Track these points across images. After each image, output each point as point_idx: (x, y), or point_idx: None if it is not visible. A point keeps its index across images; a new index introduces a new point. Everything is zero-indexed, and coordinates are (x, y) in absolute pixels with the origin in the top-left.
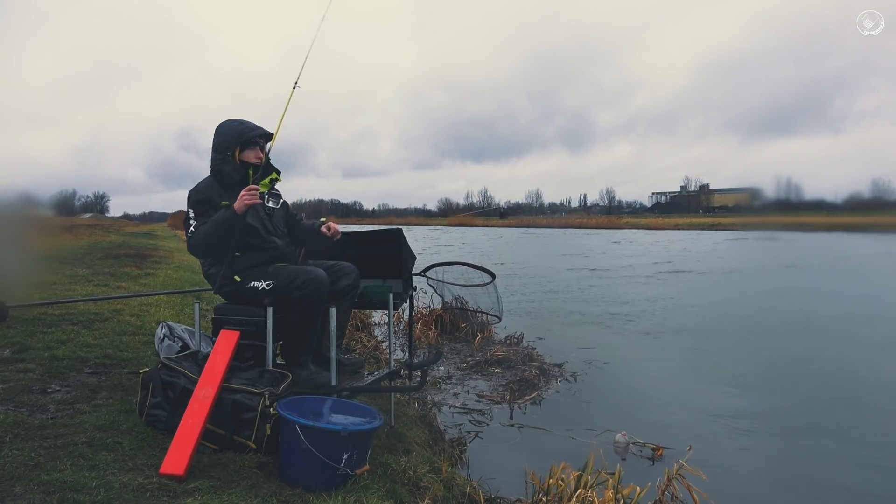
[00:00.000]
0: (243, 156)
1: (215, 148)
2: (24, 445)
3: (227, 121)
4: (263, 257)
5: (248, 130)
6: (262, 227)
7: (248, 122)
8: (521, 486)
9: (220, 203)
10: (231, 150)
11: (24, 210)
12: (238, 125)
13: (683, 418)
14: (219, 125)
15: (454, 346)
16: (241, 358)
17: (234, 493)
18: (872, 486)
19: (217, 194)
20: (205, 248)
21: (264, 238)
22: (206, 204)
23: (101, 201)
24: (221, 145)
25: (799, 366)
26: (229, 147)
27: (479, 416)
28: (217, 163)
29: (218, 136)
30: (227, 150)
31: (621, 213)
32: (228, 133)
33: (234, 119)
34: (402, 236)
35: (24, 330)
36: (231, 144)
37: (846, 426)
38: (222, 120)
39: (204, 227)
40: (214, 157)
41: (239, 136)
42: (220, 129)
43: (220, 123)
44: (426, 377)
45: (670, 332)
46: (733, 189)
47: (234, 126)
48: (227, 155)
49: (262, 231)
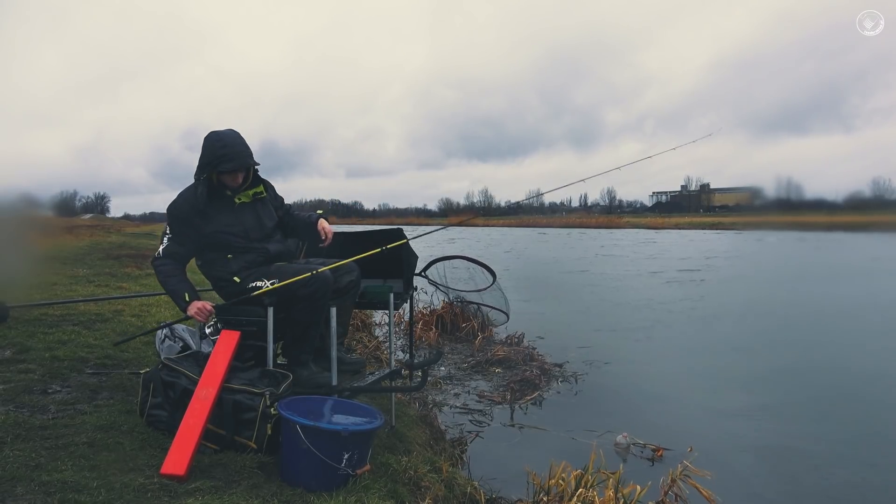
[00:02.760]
0: (221, 178)
1: (199, 160)
2: (25, 446)
3: (214, 138)
4: (254, 259)
5: (222, 161)
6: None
7: (228, 150)
8: (521, 485)
9: (195, 222)
10: (206, 171)
11: (25, 211)
12: (220, 148)
13: (684, 419)
14: (207, 136)
15: (455, 346)
16: (241, 358)
17: (234, 494)
18: (875, 485)
19: (194, 212)
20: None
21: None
22: (183, 224)
23: (101, 202)
24: (200, 164)
25: (799, 366)
26: (205, 169)
27: (479, 416)
28: (196, 178)
29: (202, 149)
30: (202, 171)
31: (622, 213)
32: (208, 154)
33: (220, 138)
34: (403, 236)
35: (24, 330)
36: (206, 167)
37: (850, 426)
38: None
39: (162, 274)
40: (197, 168)
41: (215, 165)
42: (205, 144)
43: (208, 135)
44: (427, 377)
45: (671, 332)
46: (734, 188)
47: (215, 149)
48: (203, 177)
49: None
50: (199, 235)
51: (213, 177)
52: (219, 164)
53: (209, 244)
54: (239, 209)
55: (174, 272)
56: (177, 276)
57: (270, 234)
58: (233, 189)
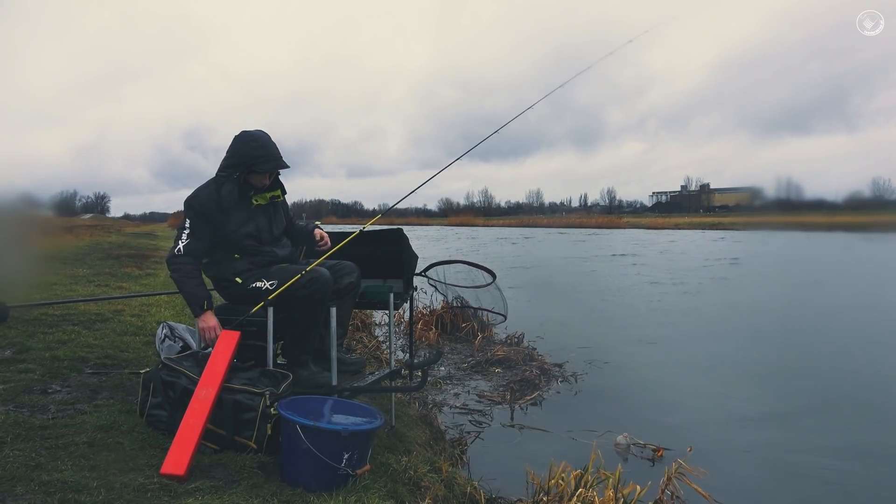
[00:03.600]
0: (249, 177)
1: (227, 159)
2: (25, 446)
3: (248, 137)
4: (261, 261)
5: (258, 161)
6: (258, 239)
7: (263, 151)
8: (521, 485)
9: (217, 218)
10: (238, 170)
11: (25, 211)
12: (255, 149)
13: (684, 419)
14: (239, 135)
15: (455, 346)
16: (241, 358)
17: (234, 494)
18: (875, 485)
19: (217, 208)
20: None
21: (259, 247)
22: (204, 219)
23: (101, 202)
24: (230, 163)
25: (800, 366)
26: (237, 168)
27: (479, 417)
28: (222, 177)
29: (233, 148)
30: (234, 169)
31: (622, 213)
32: (241, 153)
33: (255, 138)
34: (403, 236)
35: (24, 330)
36: (239, 166)
37: (851, 426)
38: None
39: (181, 273)
40: (223, 166)
41: (250, 164)
42: (237, 143)
43: (241, 135)
44: (427, 377)
45: (671, 332)
46: (734, 189)
47: (251, 148)
48: (234, 175)
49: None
50: (217, 233)
51: (242, 176)
52: (254, 164)
53: (221, 243)
54: (254, 210)
55: (194, 273)
56: (196, 279)
57: (279, 237)
58: (256, 189)
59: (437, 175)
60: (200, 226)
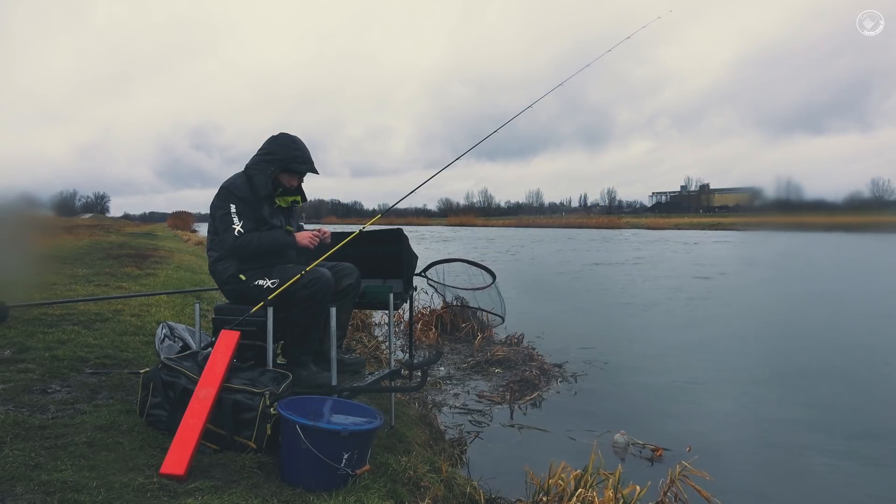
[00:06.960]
0: (281, 176)
1: (262, 155)
2: (25, 445)
3: (286, 138)
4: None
5: (296, 161)
6: None
7: (300, 152)
8: (521, 485)
9: (255, 204)
10: (273, 166)
11: (25, 210)
12: (294, 150)
13: (684, 419)
14: (278, 135)
15: (454, 346)
16: (241, 358)
17: (234, 493)
18: (875, 485)
19: (255, 195)
20: (251, 255)
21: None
22: (246, 203)
23: (101, 201)
24: (267, 158)
25: (800, 366)
26: (273, 164)
27: (479, 417)
28: (254, 170)
29: (271, 145)
30: (269, 165)
31: (621, 213)
32: (280, 151)
33: (293, 139)
34: (403, 236)
35: (24, 330)
36: (276, 162)
37: (851, 427)
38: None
39: (259, 240)
40: (256, 160)
41: (287, 163)
42: (276, 141)
43: (280, 135)
44: (426, 377)
45: (671, 332)
46: (734, 189)
47: (290, 148)
48: (268, 171)
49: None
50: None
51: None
52: (292, 163)
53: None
54: (275, 211)
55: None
56: (265, 234)
57: None
58: (284, 188)
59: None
60: (245, 209)
